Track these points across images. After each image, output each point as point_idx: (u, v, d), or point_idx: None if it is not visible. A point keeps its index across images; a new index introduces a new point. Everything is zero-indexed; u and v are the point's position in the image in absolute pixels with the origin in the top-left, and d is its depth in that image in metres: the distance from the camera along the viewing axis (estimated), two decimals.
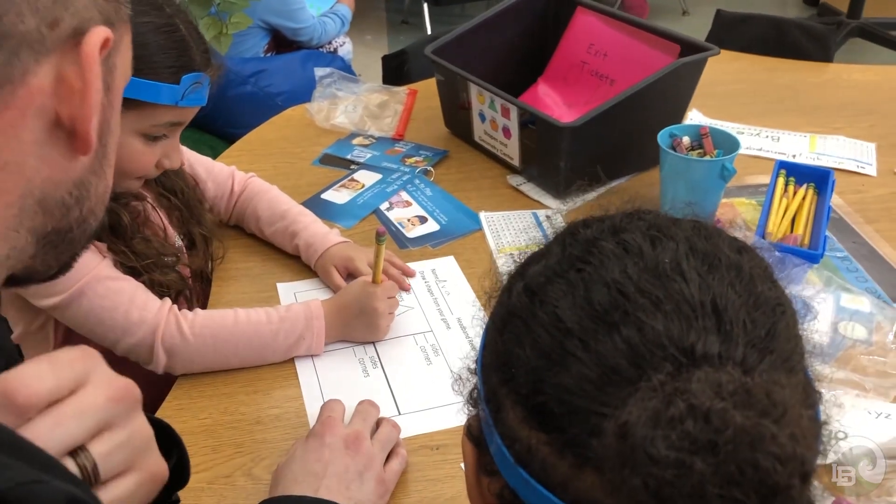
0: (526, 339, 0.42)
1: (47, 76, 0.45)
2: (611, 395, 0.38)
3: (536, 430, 0.41)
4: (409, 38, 3.79)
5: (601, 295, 0.40)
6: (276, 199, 1.22)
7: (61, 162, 0.48)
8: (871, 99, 1.67)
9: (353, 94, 1.63)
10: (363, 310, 1.00)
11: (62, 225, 0.50)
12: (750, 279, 0.41)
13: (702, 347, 0.38)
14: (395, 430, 0.87)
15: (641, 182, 1.39)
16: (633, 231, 0.43)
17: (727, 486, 0.34)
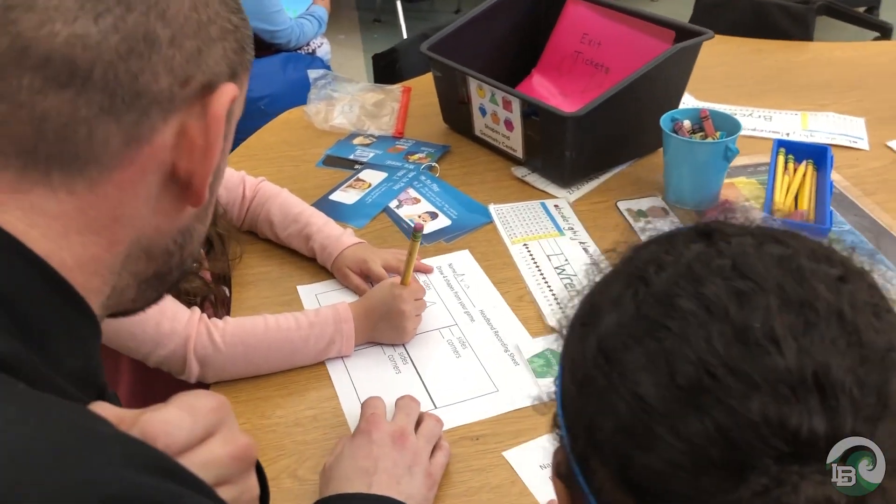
0: (607, 409, 0.40)
1: (171, 132, 0.46)
2: (709, 486, 0.36)
3: (629, 495, 0.39)
4: (383, 35, 3.80)
5: (686, 373, 0.37)
6: (288, 202, 1.22)
7: (171, 212, 0.49)
8: (854, 74, 1.71)
9: (348, 95, 1.63)
10: (389, 312, 1.01)
11: (164, 269, 0.52)
12: (854, 328, 0.37)
13: (806, 431, 0.35)
14: (438, 423, 0.88)
15: (643, 167, 1.41)
16: (714, 279, 0.39)
17: None
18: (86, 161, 0.44)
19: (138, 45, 0.44)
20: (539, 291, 1.12)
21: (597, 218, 1.28)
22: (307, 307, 1.11)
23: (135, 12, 0.43)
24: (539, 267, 1.17)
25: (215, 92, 0.48)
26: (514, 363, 1.01)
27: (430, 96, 1.58)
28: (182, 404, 0.45)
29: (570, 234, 1.24)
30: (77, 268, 0.45)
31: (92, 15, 0.42)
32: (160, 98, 0.45)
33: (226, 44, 0.49)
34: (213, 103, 0.48)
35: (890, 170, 1.38)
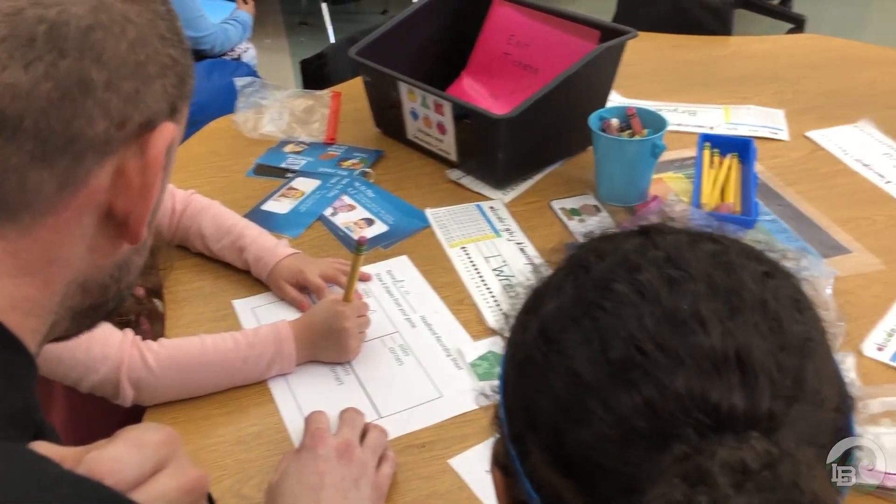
0: (544, 388, 0.41)
1: (107, 173, 0.45)
2: (634, 457, 0.37)
3: (563, 477, 0.40)
4: (310, 38, 3.76)
5: (618, 349, 0.39)
6: (220, 215, 1.20)
7: (107, 249, 0.49)
8: (772, 67, 1.76)
9: (277, 101, 1.61)
10: (331, 330, 0.99)
11: (99, 302, 0.51)
12: (775, 316, 0.39)
13: (726, 406, 0.36)
14: (382, 434, 0.88)
15: (574, 166, 1.43)
16: (649, 268, 0.41)
17: None
18: (17, 208, 0.43)
19: (71, 90, 0.43)
20: (479, 294, 1.13)
21: (532, 218, 1.29)
22: (244, 322, 1.09)
23: (68, 58, 0.42)
24: (478, 269, 1.18)
25: (154, 132, 0.47)
26: (457, 367, 1.01)
27: (361, 100, 1.57)
28: (129, 439, 0.44)
29: (507, 235, 1.25)
30: (10, 309, 0.44)
31: (22, 63, 0.41)
32: (95, 142, 0.44)
33: (165, 80, 0.48)
34: (152, 145, 0.47)
35: (810, 159, 1.43)
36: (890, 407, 0.90)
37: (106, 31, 0.43)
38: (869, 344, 1.03)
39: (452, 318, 1.09)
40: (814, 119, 1.55)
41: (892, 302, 1.10)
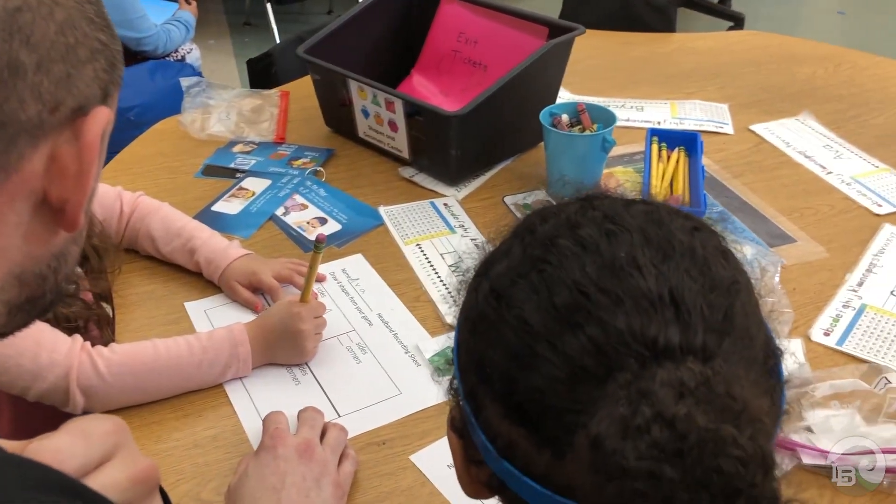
0: (496, 341, 0.43)
1: (41, 159, 0.44)
2: (581, 393, 0.40)
3: (516, 425, 0.43)
4: (254, 39, 3.71)
5: (563, 296, 0.41)
6: (170, 217, 1.17)
7: (43, 237, 0.47)
8: (715, 63, 1.80)
9: (224, 101, 1.59)
10: (288, 332, 0.98)
11: (37, 294, 0.49)
12: (704, 261, 0.43)
13: (663, 339, 0.39)
14: (342, 433, 0.87)
15: (526, 161, 1.44)
16: (588, 225, 0.44)
17: (695, 491, 0.35)
18: None
19: (2, 73, 0.41)
20: (435, 290, 1.13)
21: (486, 214, 1.30)
22: (197, 325, 1.07)
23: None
24: (433, 266, 1.18)
25: (87, 116, 0.46)
26: (416, 364, 1.01)
27: (310, 100, 1.56)
28: (73, 430, 0.44)
29: (462, 232, 1.25)
30: None
31: None
32: (28, 126, 0.43)
33: (95, 64, 0.47)
34: (86, 129, 0.46)
35: (754, 152, 1.47)
36: (838, 389, 0.93)
37: (34, 12, 0.42)
38: (816, 329, 1.05)
39: (409, 315, 1.09)
40: (757, 113, 1.58)
41: (837, 288, 1.13)
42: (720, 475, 0.35)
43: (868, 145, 1.47)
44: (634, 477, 0.36)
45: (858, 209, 1.30)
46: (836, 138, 1.49)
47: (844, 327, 1.06)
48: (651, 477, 0.35)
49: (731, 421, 0.36)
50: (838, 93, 1.66)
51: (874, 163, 1.42)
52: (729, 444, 0.35)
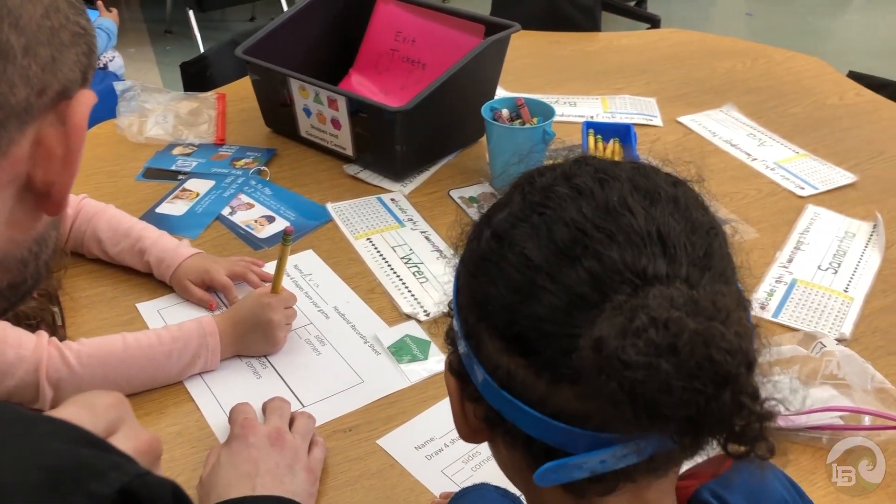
0: (499, 278, 0.47)
1: (27, 143, 0.44)
2: (579, 319, 0.43)
3: (514, 356, 0.46)
4: (177, 47, 3.65)
5: (562, 233, 0.45)
6: (116, 218, 1.16)
7: (26, 223, 0.47)
8: (640, 60, 1.87)
9: (160, 105, 1.57)
10: (259, 323, 0.98)
11: (18, 280, 0.50)
12: (686, 208, 0.47)
13: (652, 270, 0.44)
14: (311, 420, 0.88)
15: (468, 156, 1.47)
16: (583, 175, 0.48)
17: (688, 379, 0.39)
18: None
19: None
20: (389, 282, 1.15)
21: (433, 207, 1.32)
22: (150, 325, 1.06)
23: None
24: (385, 259, 1.19)
25: (73, 99, 0.46)
26: (376, 353, 1.03)
27: (248, 101, 1.56)
28: (80, 402, 0.45)
29: (411, 225, 1.27)
30: None
31: None
32: (17, 110, 0.44)
33: (77, 49, 0.47)
34: (73, 112, 0.46)
35: (683, 142, 1.53)
36: (779, 356, 0.99)
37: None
38: (753, 304, 1.11)
39: (365, 307, 1.10)
40: (683, 105, 1.65)
41: (769, 266, 1.20)
42: (711, 363, 0.39)
43: (788, 133, 1.56)
44: (634, 370, 0.39)
45: (783, 192, 1.38)
46: (759, 127, 1.57)
47: (779, 301, 1.12)
48: (649, 369, 0.39)
49: (717, 322, 0.41)
50: (757, 85, 1.75)
51: (794, 149, 1.50)
52: (717, 338, 0.39)
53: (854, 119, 1.62)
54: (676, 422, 0.40)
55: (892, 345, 1.06)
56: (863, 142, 1.54)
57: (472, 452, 0.89)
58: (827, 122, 1.61)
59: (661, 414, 0.40)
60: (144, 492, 0.36)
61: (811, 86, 1.75)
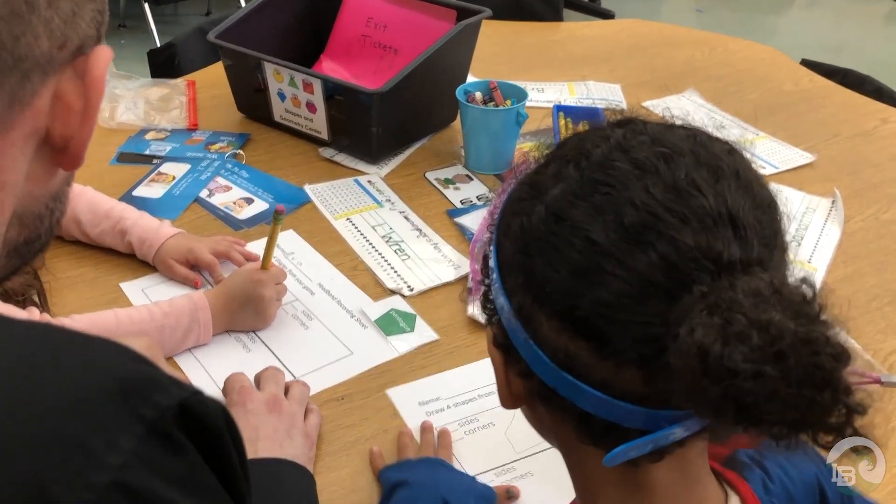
0: (559, 261, 0.45)
1: (48, 96, 0.45)
2: (652, 308, 0.42)
3: (576, 338, 0.45)
4: (132, 40, 3.60)
5: (631, 216, 0.43)
6: (95, 199, 1.15)
7: (44, 177, 0.48)
8: (603, 49, 1.92)
9: (129, 91, 1.56)
10: (250, 298, 0.99)
11: (33, 236, 0.50)
12: (748, 182, 0.46)
13: (727, 255, 0.42)
14: (305, 388, 0.90)
15: (441, 140, 1.49)
16: (642, 148, 0.46)
17: (797, 386, 0.39)
18: None
19: (19, 6, 0.43)
20: (372, 259, 1.16)
21: (410, 189, 1.34)
22: (135, 303, 1.06)
23: None
24: (367, 238, 1.21)
25: (91, 55, 0.48)
26: (363, 326, 1.04)
27: (218, 88, 1.56)
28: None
29: (389, 206, 1.29)
30: None
31: None
32: (41, 61, 0.45)
33: (93, 5, 0.49)
34: (92, 66, 0.47)
35: None
36: None
37: None
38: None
39: (350, 283, 1.12)
40: (647, 91, 1.70)
41: None
42: (819, 370, 0.38)
43: (748, 117, 1.61)
44: (743, 378, 0.38)
45: None
46: (720, 111, 1.63)
47: None
48: (757, 377, 0.38)
49: (813, 323, 0.40)
50: (716, 73, 1.81)
51: (755, 132, 1.56)
52: (822, 343, 0.39)
53: (809, 104, 1.69)
54: (776, 425, 0.40)
55: (853, 311, 1.10)
56: (818, 125, 1.61)
57: (470, 418, 0.92)
58: (783, 106, 1.68)
59: (764, 420, 0.39)
60: (201, 408, 0.38)
61: (767, 73, 1.82)
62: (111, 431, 0.35)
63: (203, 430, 0.38)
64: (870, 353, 1.02)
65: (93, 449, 0.34)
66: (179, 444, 0.37)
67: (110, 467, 0.34)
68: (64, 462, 0.34)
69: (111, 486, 0.34)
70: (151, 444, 0.35)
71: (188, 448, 0.37)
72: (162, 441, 0.36)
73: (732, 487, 0.53)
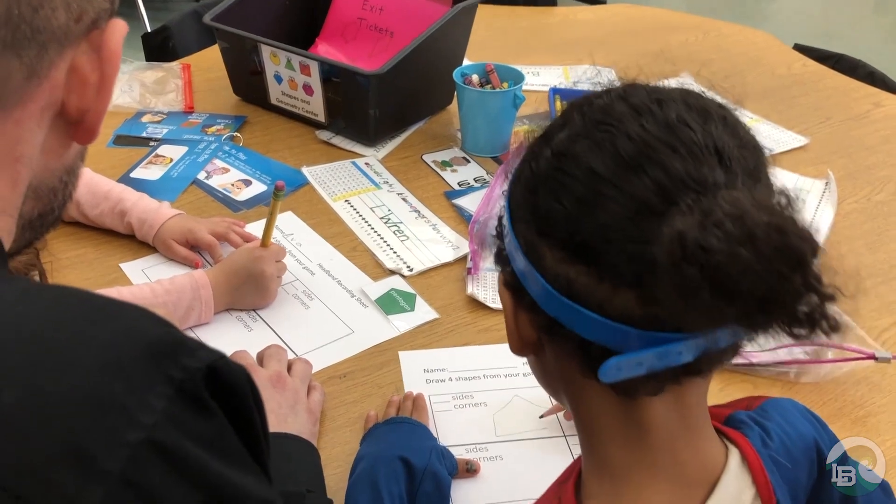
0: (562, 192, 0.49)
1: (64, 69, 0.46)
2: (644, 225, 0.46)
3: (577, 264, 0.48)
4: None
5: (626, 146, 0.47)
6: (94, 181, 1.16)
7: (59, 150, 0.49)
8: (598, 33, 1.92)
9: (125, 74, 1.55)
10: (252, 275, 1.00)
11: (47, 209, 0.51)
12: (734, 126, 0.50)
13: (712, 179, 0.46)
14: (308, 365, 0.91)
15: (437, 122, 1.50)
16: (639, 96, 0.51)
17: (766, 262, 0.42)
18: None
19: None
20: (371, 240, 1.17)
21: (407, 171, 1.35)
22: (136, 283, 1.06)
23: None
24: (365, 219, 1.22)
25: (107, 28, 0.48)
26: (363, 306, 1.05)
27: (214, 71, 1.56)
28: None
29: (387, 188, 1.29)
30: None
31: None
32: (58, 33, 0.45)
33: None
34: (108, 39, 0.48)
35: None
36: None
37: None
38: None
39: (349, 264, 1.13)
40: (641, 75, 1.70)
41: None
42: (787, 248, 0.42)
43: (741, 101, 1.61)
44: (717, 254, 0.42)
45: None
46: (714, 95, 1.63)
47: None
48: (730, 254, 0.42)
49: (788, 214, 0.44)
50: (709, 57, 1.82)
51: (748, 115, 1.57)
52: (791, 226, 0.42)
53: (802, 87, 1.70)
54: (750, 304, 0.42)
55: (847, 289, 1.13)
56: (811, 108, 1.62)
57: (466, 394, 0.93)
58: (777, 90, 1.69)
59: (738, 295, 0.42)
60: (227, 371, 0.39)
61: (760, 57, 1.83)
62: (143, 392, 0.36)
63: (229, 393, 0.39)
64: (864, 331, 1.03)
65: (126, 408, 0.35)
66: (207, 406, 0.38)
67: (144, 426, 0.35)
68: (99, 420, 0.34)
69: (145, 443, 0.35)
70: (181, 405, 0.36)
71: (215, 410, 0.38)
72: (191, 403, 0.37)
73: (732, 442, 0.55)
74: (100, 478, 0.33)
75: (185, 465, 0.36)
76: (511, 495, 0.81)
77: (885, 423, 0.94)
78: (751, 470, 0.53)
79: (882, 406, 0.96)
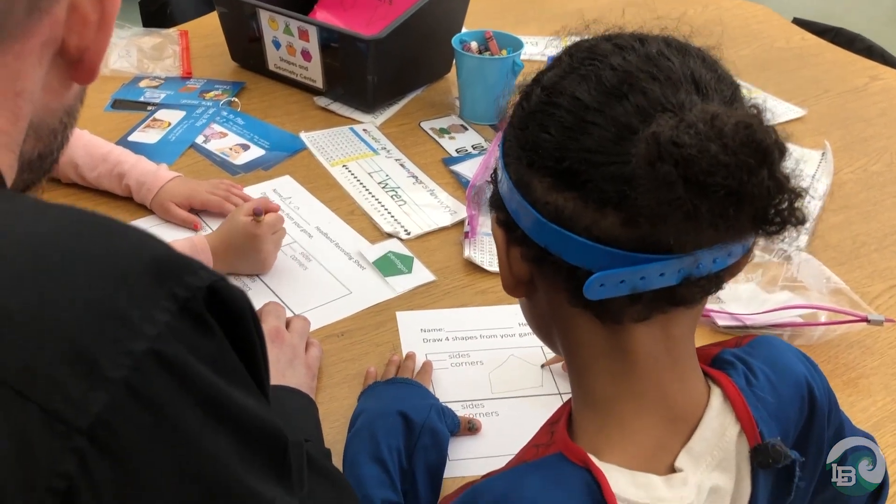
0: (549, 123, 0.50)
1: (63, 7, 0.45)
2: (625, 146, 0.47)
3: (563, 191, 0.50)
4: None
5: (610, 77, 0.50)
6: (93, 143, 1.16)
7: (59, 89, 0.49)
8: (596, 5, 1.89)
9: (122, 39, 1.55)
10: (249, 242, 1.00)
11: (47, 151, 0.51)
12: (712, 64, 0.53)
13: (689, 103, 0.48)
14: (306, 322, 0.91)
15: (435, 91, 1.49)
16: (623, 36, 0.54)
17: (734, 155, 0.44)
18: None
19: None
20: (368, 204, 1.17)
21: (405, 138, 1.35)
22: None
23: None
24: (363, 184, 1.22)
25: None
26: (361, 267, 1.06)
27: (212, 38, 1.55)
28: None
29: (385, 154, 1.30)
30: None
31: None
32: None
33: None
34: None
35: None
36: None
37: None
38: None
39: (347, 227, 1.13)
40: None
41: None
42: (753, 141, 0.44)
43: (739, 73, 1.61)
44: (688, 148, 0.44)
45: None
46: None
47: None
48: (700, 149, 0.44)
49: (754, 115, 0.46)
50: (709, 30, 1.81)
51: (747, 86, 1.55)
52: (756, 122, 0.45)
53: (800, 61, 1.70)
54: (722, 198, 0.44)
55: (841, 256, 1.14)
56: (809, 81, 1.62)
57: (462, 353, 0.94)
58: (775, 63, 1.69)
59: (711, 188, 0.44)
60: (228, 292, 0.40)
61: (759, 30, 1.82)
62: (147, 305, 0.36)
63: (230, 313, 0.39)
64: (857, 295, 1.04)
65: (130, 318, 0.35)
66: (209, 325, 0.38)
67: (147, 336, 0.35)
68: (104, 328, 0.35)
69: (148, 353, 0.35)
70: (184, 321, 0.37)
71: (216, 330, 0.39)
72: (193, 320, 0.37)
73: (715, 382, 0.56)
74: (104, 384, 0.34)
75: (189, 377, 0.36)
76: (506, 449, 0.81)
77: (877, 384, 0.95)
78: (734, 407, 0.55)
79: (874, 368, 0.97)
